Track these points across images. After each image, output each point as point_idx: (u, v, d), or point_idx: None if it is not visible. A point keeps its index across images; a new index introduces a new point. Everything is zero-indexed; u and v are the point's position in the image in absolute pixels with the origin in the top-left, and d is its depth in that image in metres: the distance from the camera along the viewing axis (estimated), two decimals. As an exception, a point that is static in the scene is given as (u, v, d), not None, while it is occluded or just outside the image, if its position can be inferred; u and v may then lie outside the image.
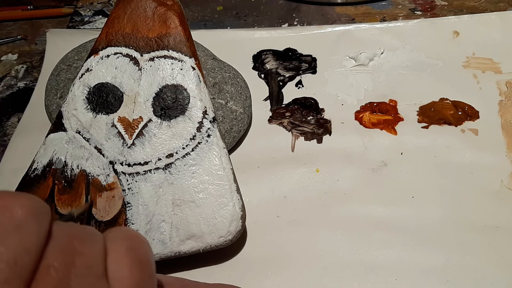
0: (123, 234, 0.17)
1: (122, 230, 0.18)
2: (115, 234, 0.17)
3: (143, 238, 0.18)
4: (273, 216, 0.35)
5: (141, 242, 0.17)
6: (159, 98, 0.34)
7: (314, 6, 0.50)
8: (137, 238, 0.17)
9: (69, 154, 0.34)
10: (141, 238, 0.18)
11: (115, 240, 0.16)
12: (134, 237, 0.17)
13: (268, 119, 0.41)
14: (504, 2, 0.48)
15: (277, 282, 0.32)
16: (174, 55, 0.35)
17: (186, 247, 0.31)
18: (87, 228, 0.16)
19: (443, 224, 0.34)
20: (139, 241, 0.17)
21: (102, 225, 0.32)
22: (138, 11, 0.36)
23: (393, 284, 0.31)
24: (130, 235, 0.17)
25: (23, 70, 0.48)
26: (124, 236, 0.17)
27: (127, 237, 0.17)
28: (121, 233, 0.17)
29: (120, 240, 0.17)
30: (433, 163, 0.37)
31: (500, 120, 0.39)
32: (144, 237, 0.18)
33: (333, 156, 0.38)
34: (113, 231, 0.17)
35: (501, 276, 0.31)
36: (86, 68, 0.36)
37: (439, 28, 0.45)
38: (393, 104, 0.41)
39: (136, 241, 0.17)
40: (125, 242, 0.17)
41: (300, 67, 0.44)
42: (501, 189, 0.35)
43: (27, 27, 0.52)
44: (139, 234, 0.18)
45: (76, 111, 0.35)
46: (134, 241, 0.17)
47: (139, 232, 0.31)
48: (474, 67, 0.43)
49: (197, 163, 0.33)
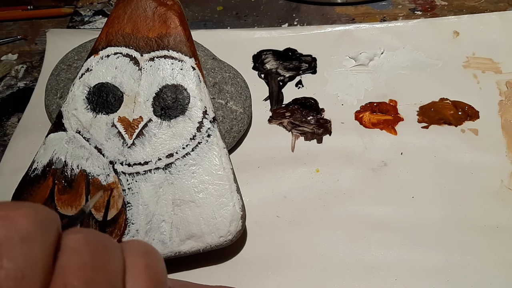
0: (140, 249, 0.16)
1: (139, 244, 0.17)
2: (133, 248, 0.16)
3: (158, 253, 0.17)
4: (273, 216, 0.35)
5: (157, 258, 0.17)
6: (159, 98, 0.34)
7: (314, 6, 0.50)
8: (154, 254, 0.17)
9: (69, 154, 0.34)
10: (157, 253, 0.17)
11: (133, 255, 0.16)
12: (151, 253, 0.17)
13: (268, 119, 0.41)
14: (504, 2, 0.48)
15: (277, 282, 0.32)
16: (174, 55, 0.35)
17: (186, 247, 0.31)
18: (106, 237, 0.15)
19: (443, 224, 0.34)
20: (156, 258, 0.17)
21: (102, 225, 0.32)
22: (138, 11, 0.36)
23: (393, 284, 0.31)
24: (146, 251, 0.16)
25: (23, 70, 0.48)
26: (141, 251, 0.16)
27: (145, 253, 0.16)
28: (138, 247, 0.16)
29: (139, 255, 0.16)
30: (433, 163, 0.37)
31: (500, 120, 0.39)
32: (158, 252, 0.17)
33: (333, 156, 0.38)
34: (130, 244, 0.16)
35: (501, 276, 0.31)
36: (86, 68, 0.36)
37: (439, 28, 0.45)
38: (393, 104, 0.41)
39: (153, 258, 0.16)
40: (143, 259, 0.16)
41: (300, 67, 0.44)
42: (501, 189, 0.35)
43: (27, 27, 0.52)
44: (154, 249, 0.17)
45: (76, 111, 0.35)
46: (152, 258, 0.16)
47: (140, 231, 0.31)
48: (474, 67, 0.43)
49: (197, 163, 0.33)
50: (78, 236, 0.14)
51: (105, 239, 0.15)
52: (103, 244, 0.15)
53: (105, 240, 0.15)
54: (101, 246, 0.14)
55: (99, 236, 0.15)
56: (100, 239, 0.15)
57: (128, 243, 0.16)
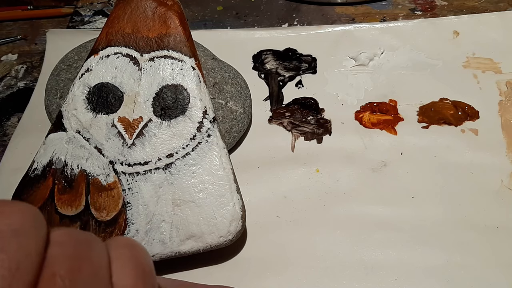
0: (124, 242, 0.17)
1: (123, 239, 0.17)
2: (117, 242, 0.17)
3: (143, 247, 0.18)
4: (273, 216, 0.35)
5: (143, 251, 0.17)
6: (159, 98, 0.34)
7: (314, 6, 0.50)
8: (139, 247, 0.17)
9: (69, 154, 0.34)
10: (142, 247, 0.17)
11: (117, 248, 0.16)
12: (136, 246, 0.17)
13: (268, 119, 0.41)
14: (504, 2, 0.48)
15: (277, 282, 0.32)
16: (174, 55, 0.35)
17: (186, 247, 0.31)
18: (88, 233, 0.16)
19: (443, 224, 0.34)
20: (140, 250, 0.17)
21: (102, 225, 0.32)
22: (138, 11, 0.36)
23: (393, 284, 0.31)
24: (131, 244, 0.17)
25: (23, 70, 0.48)
26: (126, 244, 0.17)
27: (129, 246, 0.17)
28: (122, 241, 0.17)
29: (123, 248, 0.16)
30: (433, 163, 0.37)
31: (500, 120, 0.39)
32: (144, 247, 0.18)
33: (333, 156, 0.38)
34: (114, 239, 0.17)
35: (501, 276, 0.31)
36: (86, 68, 0.36)
37: (439, 28, 0.45)
38: (393, 104, 0.41)
39: (138, 250, 0.17)
40: (128, 251, 0.16)
41: (300, 67, 0.44)
42: (501, 189, 0.35)
43: (27, 27, 0.52)
44: (138, 243, 0.18)
45: (76, 111, 0.35)
46: (137, 250, 0.17)
47: (140, 231, 0.31)
48: (474, 67, 0.43)
49: (197, 163, 0.33)
50: (62, 231, 0.15)
51: (88, 234, 0.16)
52: (86, 238, 0.15)
53: (87, 235, 0.16)
54: (84, 239, 0.15)
55: (82, 232, 0.16)
56: (83, 233, 0.15)
57: (112, 239, 0.17)
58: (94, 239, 0.16)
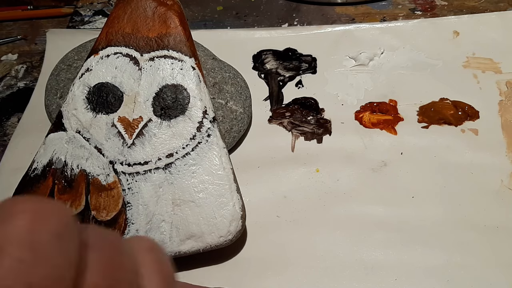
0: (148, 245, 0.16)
1: (146, 241, 0.17)
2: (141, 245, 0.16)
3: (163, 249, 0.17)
4: (273, 216, 0.35)
5: (164, 254, 0.17)
6: (159, 98, 0.34)
7: (314, 6, 0.50)
8: (161, 250, 0.17)
9: (69, 154, 0.34)
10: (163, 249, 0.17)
11: (143, 252, 0.16)
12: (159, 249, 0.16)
13: (268, 119, 0.41)
14: (504, 2, 0.48)
15: (277, 282, 0.32)
16: (174, 55, 0.35)
17: (186, 247, 0.31)
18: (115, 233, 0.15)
19: (443, 224, 0.34)
20: (163, 254, 0.16)
21: (102, 225, 0.32)
22: (138, 11, 0.36)
23: (393, 284, 0.31)
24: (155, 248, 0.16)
25: (23, 70, 0.48)
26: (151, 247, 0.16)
27: (155, 249, 0.16)
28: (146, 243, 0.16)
29: (149, 252, 0.16)
30: (433, 163, 0.37)
31: (500, 120, 0.39)
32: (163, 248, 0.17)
33: (333, 156, 0.38)
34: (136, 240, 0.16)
35: (501, 276, 0.31)
36: (86, 68, 0.36)
37: (439, 28, 0.45)
38: (393, 104, 0.41)
39: (161, 254, 0.16)
40: (154, 255, 0.16)
41: (300, 67, 0.44)
42: (501, 189, 0.35)
43: (27, 27, 0.52)
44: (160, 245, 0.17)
45: (76, 111, 0.35)
46: (161, 254, 0.16)
47: (140, 231, 0.31)
48: (474, 67, 0.43)
49: (197, 163, 0.33)
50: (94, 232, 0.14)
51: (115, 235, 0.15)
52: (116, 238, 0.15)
53: (116, 236, 0.15)
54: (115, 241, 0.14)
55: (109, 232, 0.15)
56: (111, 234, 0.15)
57: (134, 239, 0.16)
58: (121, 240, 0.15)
